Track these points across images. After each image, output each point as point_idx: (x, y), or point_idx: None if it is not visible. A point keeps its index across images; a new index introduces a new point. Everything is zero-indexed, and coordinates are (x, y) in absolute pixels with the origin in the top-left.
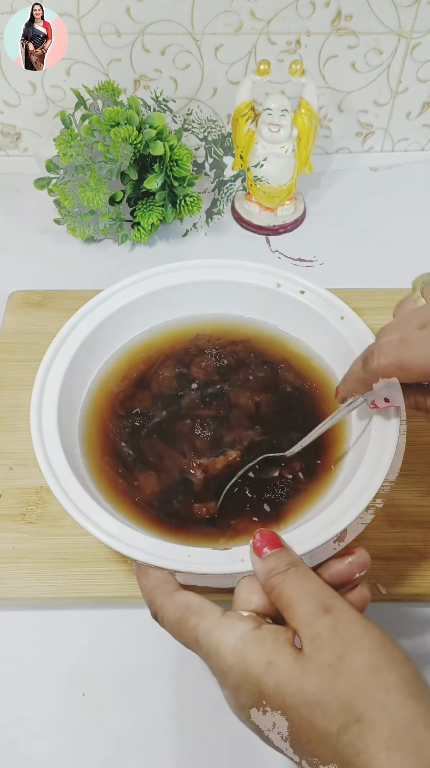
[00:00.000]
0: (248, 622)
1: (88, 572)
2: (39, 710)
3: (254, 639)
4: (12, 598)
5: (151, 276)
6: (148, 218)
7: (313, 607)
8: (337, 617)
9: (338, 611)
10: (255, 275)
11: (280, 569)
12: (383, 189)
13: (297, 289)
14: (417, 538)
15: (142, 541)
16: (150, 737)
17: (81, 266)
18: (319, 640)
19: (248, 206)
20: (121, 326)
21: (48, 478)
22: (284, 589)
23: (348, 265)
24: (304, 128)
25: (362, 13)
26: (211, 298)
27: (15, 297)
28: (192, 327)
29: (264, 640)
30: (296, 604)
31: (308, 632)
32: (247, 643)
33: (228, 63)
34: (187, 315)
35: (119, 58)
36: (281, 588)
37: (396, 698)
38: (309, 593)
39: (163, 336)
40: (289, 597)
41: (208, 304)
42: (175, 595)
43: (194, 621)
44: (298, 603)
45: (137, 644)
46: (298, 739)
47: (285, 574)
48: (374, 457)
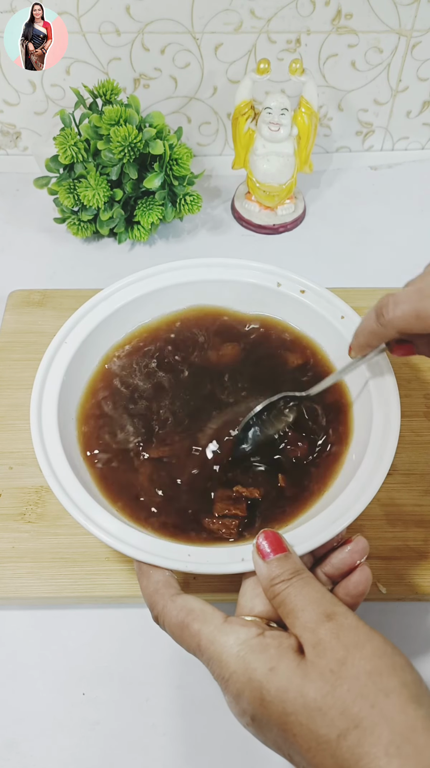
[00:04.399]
0: (250, 629)
1: (88, 572)
2: (39, 710)
3: (256, 645)
4: (12, 598)
5: (151, 275)
6: (148, 217)
7: (316, 614)
8: (339, 623)
9: (341, 618)
10: (255, 274)
11: (284, 577)
12: (383, 188)
13: (297, 288)
14: (417, 538)
15: (142, 541)
16: (150, 737)
17: (81, 265)
18: (321, 645)
19: (248, 205)
20: (120, 325)
21: (48, 478)
22: (288, 597)
23: (348, 264)
24: (304, 127)
25: (362, 12)
26: (211, 298)
27: (15, 296)
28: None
29: (267, 646)
30: (299, 611)
31: (311, 638)
32: (249, 650)
33: (228, 62)
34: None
35: (119, 56)
36: (284, 596)
37: (396, 703)
38: (312, 601)
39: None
40: (292, 605)
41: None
42: (177, 599)
43: (196, 626)
44: (301, 610)
45: (137, 644)
46: (298, 747)
47: (289, 582)
48: (375, 455)
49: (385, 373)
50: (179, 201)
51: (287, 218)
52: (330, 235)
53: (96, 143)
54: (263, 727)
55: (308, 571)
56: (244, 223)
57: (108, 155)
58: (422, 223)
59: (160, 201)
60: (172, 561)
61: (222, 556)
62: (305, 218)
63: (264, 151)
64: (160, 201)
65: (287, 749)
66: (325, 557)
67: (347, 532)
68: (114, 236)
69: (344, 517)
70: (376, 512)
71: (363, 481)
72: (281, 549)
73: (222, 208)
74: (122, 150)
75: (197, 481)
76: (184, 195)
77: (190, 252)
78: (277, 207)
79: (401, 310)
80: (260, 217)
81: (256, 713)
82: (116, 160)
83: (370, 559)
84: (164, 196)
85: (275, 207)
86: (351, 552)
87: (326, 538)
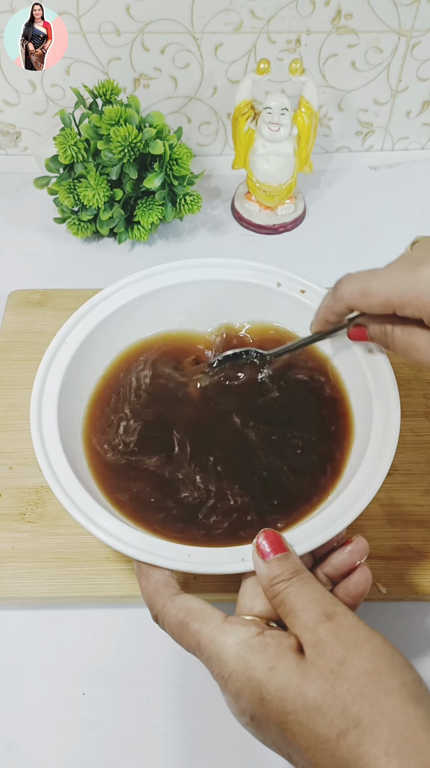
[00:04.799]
0: (250, 628)
1: (88, 572)
2: (39, 710)
3: (256, 645)
4: (12, 598)
5: (150, 275)
6: (148, 217)
7: (316, 614)
8: (339, 623)
9: (341, 617)
10: (255, 274)
11: (284, 577)
12: (383, 188)
13: (298, 288)
14: (417, 538)
15: (142, 541)
16: (150, 737)
17: (81, 265)
18: (321, 645)
19: (248, 205)
20: (121, 325)
21: (48, 478)
22: (288, 597)
23: (348, 264)
24: (304, 127)
25: (362, 12)
26: (211, 298)
27: (14, 296)
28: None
29: (267, 646)
30: (298, 611)
31: (311, 638)
32: (249, 649)
33: (228, 62)
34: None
35: (119, 56)
36: (284, 596)
37: (396, 703)
38: (312, 600)
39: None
40: (292, 605)
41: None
42: (177, 599)
43: (196, 626)
44: (301, 610)
45: (137, 644)
46: (298, 746)
47: (289, 582)
48: (375, 455)
49: (385, 373)
50: (179, 201)
51: (287, 218)
52: (330, 235)
53: (96, 143)
54: (262, 726)
55: (308, 571)
56: (244, 223)
57: (108, 155)
58: (422, 223)
59: (160, 201)
60: (172, 561)
61: (222, 556)
62: (305, 218)
63: (264, 151)
64: (160, 201)
65: (286, 749)
66: (325, 557)
67: (347, 532)
68: (114, 236)
69: (344, 517)
70: (376, 512)
71: (363, 481)
72: (281, 549)
73: (222, 208)
74: (122, 150)
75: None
76: (184, 195)
77: (190, 252)
78: (277, 207)
79: (351, 285)
80: (260, 217)
81: (255, 712)
82: (116, 160)
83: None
84: (164, 196)
85: (275, 207)
86: (351, 552)
87: (326, 538)
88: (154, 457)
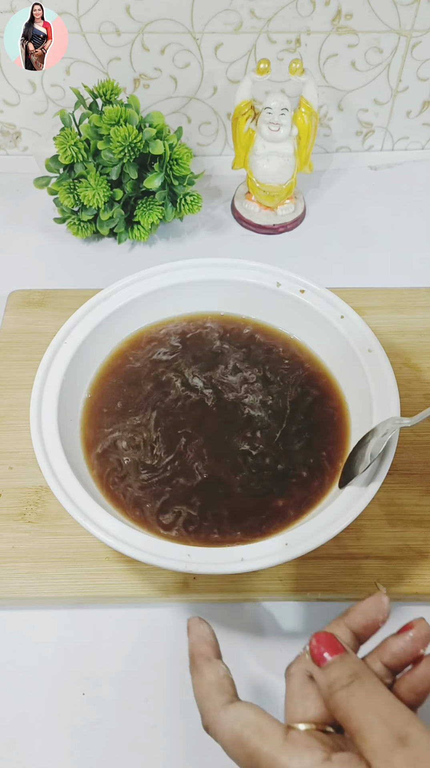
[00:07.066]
0: (315, 752)
1: (88, 572)
2: (39, 710)
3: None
4: (12, 598)
5: (150, 275)
6: (148, 217)
7: (387, 737)
8: (414, 750)
9: (415, 741)
10: (255, 274)
11: (343, 682)
12: (383, 188)
13: (297, 288)
14: (417, 537)
15: (142, 541)
16: (150, 737)
17: (81, 265)
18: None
19: (248, 205)
20: (120, 325)
21: (48, 478)
22: (352, 710)
23: (348, 264)
24: (304, 127)
25: (362, 12)
26: (211, 298)
27: (15, 296)
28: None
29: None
30: (366, 731)
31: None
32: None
33: (228, 62)
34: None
35: (119, 56)
36: (347, 708)
37: None
38: (381, 718)
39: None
40: (358, 721)
41: (208, 303)
42: (230, 709)
43: (254, 744)
44: (369, 730)
45: (137, 643)
46: None
47: (349, 689)
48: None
49: (385, 373)
50: (179, 201)
51: (287, 218)
52: (330, 235)
53: (96, 143)
54: None
55: (367, 669)
56: (244, 223)
57: (108, 155)
58: (422, 223)
59: (160, 201)
60: (172, 561)
61: (222, 556)
62: (305, 218)
63: (264, 151)
64: (160, 201)
65: None
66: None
67: (347, 532)
68: (114, 236)
69: (344, 516)
70: (376, 512)
71: (363, 482)
72: (337, 649)
73: (222, 208)
74: (122, 150)
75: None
76: (185, 195)
77: (190, 252)
78: (277, 207)
79: None
80: (259, 217)
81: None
82: (116, 160)
83: (370, 559)
84: (164, 196)
85: (275, 207)
86: (414, 640)
87: (326, 538)
88: (154, 457)
